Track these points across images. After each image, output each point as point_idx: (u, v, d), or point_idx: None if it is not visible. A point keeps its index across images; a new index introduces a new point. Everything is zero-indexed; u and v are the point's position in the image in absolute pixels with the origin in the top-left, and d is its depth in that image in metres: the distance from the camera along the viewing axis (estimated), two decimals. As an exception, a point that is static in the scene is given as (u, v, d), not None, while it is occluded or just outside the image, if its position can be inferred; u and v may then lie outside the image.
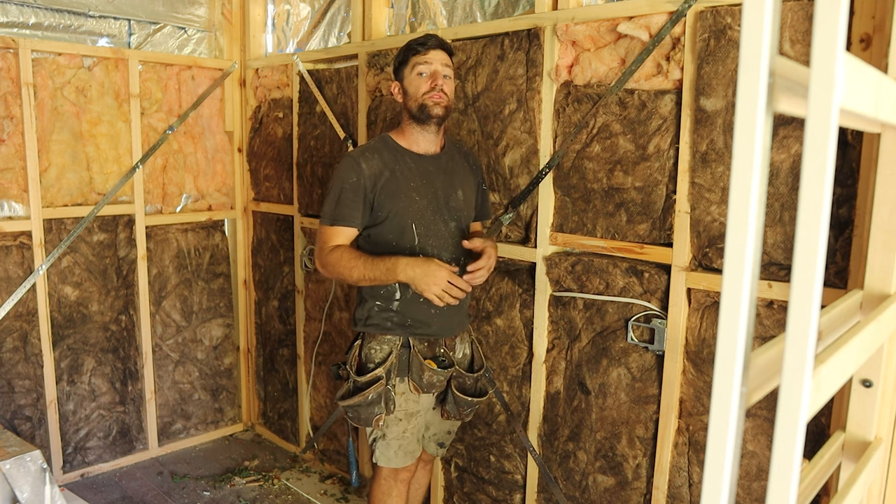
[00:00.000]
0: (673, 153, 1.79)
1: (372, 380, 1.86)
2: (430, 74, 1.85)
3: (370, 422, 1.88)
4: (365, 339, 1.94)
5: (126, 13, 3.02)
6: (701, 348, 1.77)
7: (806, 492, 1.06)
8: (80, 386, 2.97)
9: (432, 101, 1.85)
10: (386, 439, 1.93)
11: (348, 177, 1.85)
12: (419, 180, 1.89)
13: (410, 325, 1.90)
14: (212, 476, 3.04)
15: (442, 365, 1.95)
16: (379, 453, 1.95)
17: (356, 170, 1.85)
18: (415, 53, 1.87)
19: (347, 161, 1.88)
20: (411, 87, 1.88)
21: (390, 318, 1.91)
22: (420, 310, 1.90)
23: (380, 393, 1.86)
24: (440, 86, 1.84)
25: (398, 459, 1.95)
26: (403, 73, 1.90)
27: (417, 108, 1.87)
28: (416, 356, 1.90)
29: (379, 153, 1.89)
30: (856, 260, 1.48)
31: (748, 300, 0.58)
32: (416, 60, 1.87)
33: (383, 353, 1.90)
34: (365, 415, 1.88)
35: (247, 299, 3.53)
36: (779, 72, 0.57)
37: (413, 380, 1.91)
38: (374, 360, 1.90)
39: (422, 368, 1.90)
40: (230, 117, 3.37)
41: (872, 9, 1.41)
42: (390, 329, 1.91)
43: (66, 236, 2.85)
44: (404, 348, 1.91)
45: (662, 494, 1.86)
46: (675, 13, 1.72)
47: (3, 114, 2.66)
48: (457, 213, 1.96)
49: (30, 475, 1.73)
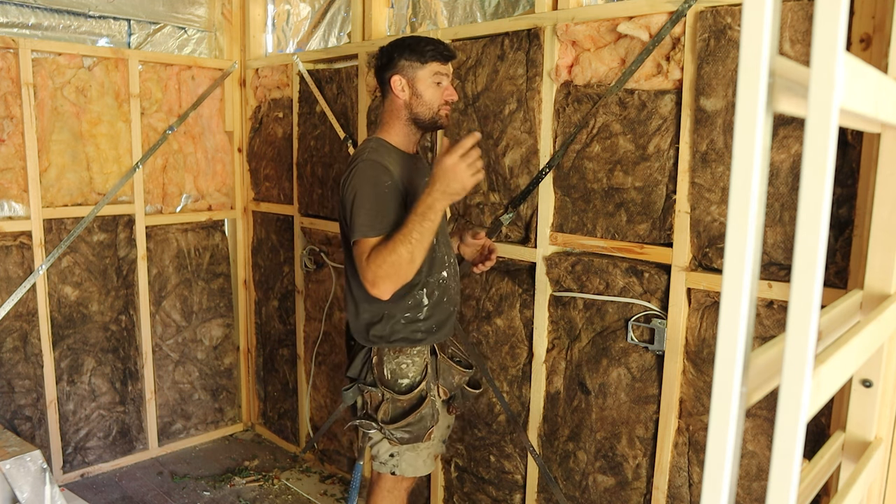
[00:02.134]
0: (673, 153, 1.79)
1: (418, 396, 1.82)
2: (446, 87, 1.81)
3: (422, 437, 1.82)
4: (386, 355, 1.83)
5: (126, 13, 3.02)
6: (701, 348, 1.77)
7: (806, 492, 1.06)
8: (80, 386, 2.97)
9: (445, 114, 1.82)
10: (417, 450, 1.87)
11: (382, 180, 1.71)
12: (421, 179, 1.88)
13: (436, 330, 1.87)
14: (212, 476, 3.04)
15: (462, 365, 1.96)
16: (406, 465, 1.87)
17: (387, 172, 1.72)
18: (438, 61, 1.79)
19: (373, 166, 1.72)
20: (426, 93, 1.79)
21: (419, 329, 1.83)
22: (443, 311, 1.88)
23: (431, 406, 1.83)
24: (454, 100, 1.83)
25: (426, 467, 1.90)
26: (417, 73, 1.78)
27: (429, 118, 1.81)
28: (443, 361, 1.90)
29: (389, 155, 1.79)
30: (856, 260, 1.48)
31: (748, 300, 0.58)
32: (438, 69, 1.79)
33: (418, 367, 1.84)
34: (417, 432, 1.81)
35: (247, 299, 3.53)
36: (779, 72, 0.57)
37: (442, 384, 1.90)
38: (408, 375, 1.83)
39: (451, 372, 1.91)
40: (230, 117, 3.37)
41: (872, 9, 1.41)
42: (420, 340, 1.84)
43: (66, 236, 2.85)
44: (432, 356, 1.89)
45: (662, 494, 1.86)
46: (675, 13, 1.72)
47: (3, 114, 2.66)
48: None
49: (30, 475, 1.73)
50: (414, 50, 1.78)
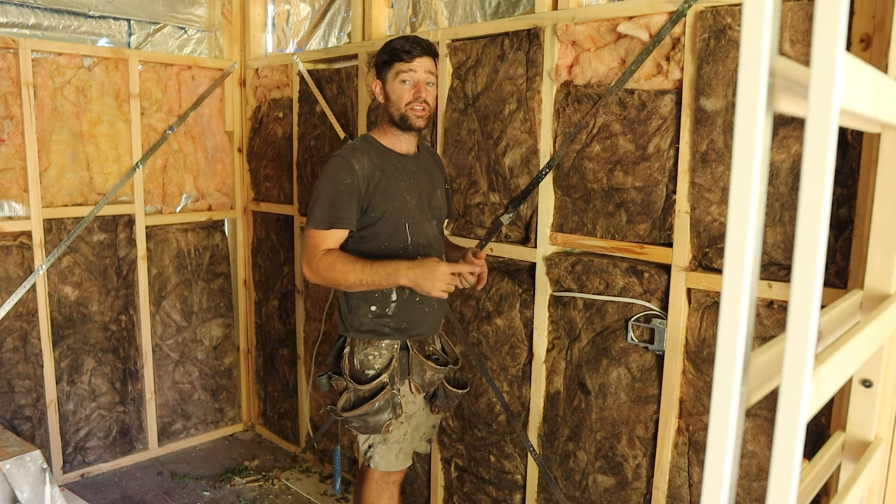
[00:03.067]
0: (673, 153, 1.79)
1: (378, 387, 1.84)
2: (413, 84, 1.81)
3: (379, 429, 1.85)
4: (356, 346, 1.89)
5: (126, 13, 3.02)
6: (701, 348, 1.77)
7: (806, 492, 1.06)
8: (80, 386, 2.97)
9: (414, 113, 1.82)
10: (388, 443, 1.91)
11: (342, 178, 1.78)
12: (407, 180, 1.88)
13: (406, 328, 1.89)
14: (212, 476, 3.04)
15: (438, 363, 1.96)
16: (378, 458, 1.92)
17: (349, 170, 1.78)
18: (399, 60, 1.82)
19: (338, 162, 1.80)
20: (394, 94, 1.83)
21: (387, 324, 1.87)
22: (415, 310, 1.90)
23: (388, 399, 1.84)
24: (423, 97, 1.82)
25: (399, 462, 1.94)
26: (386, 76, 1.84)
27: (399, 118, 1.84)
28: (415, 357, 1.90)
29: (367, 154, 1.83)
30: (856, 260, 1.48)
31: (748, 300, 0.58)
32: (399, 68, 1.81)
33: (384, 359, 1.88)
34: (373, 423, 1.84)
35: (247, 299, 3.53)
36: (779, 72, 0.57)
37: (414, 381, 1.91)
38: (374, 367, 1.87)
39: (423, 369, 1.91)
40: (230, 117, 3.37)
41: (872, 9, 1.41)
42: (388, 334, 1.88)
43: (66, 236, 2.85)
44: (403, 351, 1.91)
45: (662, 494, 1.86)
46: (675, 13, 1.72)
47: (3, 114, 2.66)
48: (438, 212, 1.98)
49: (30, 475, 1.73)
50: (381, 53, 1.87)
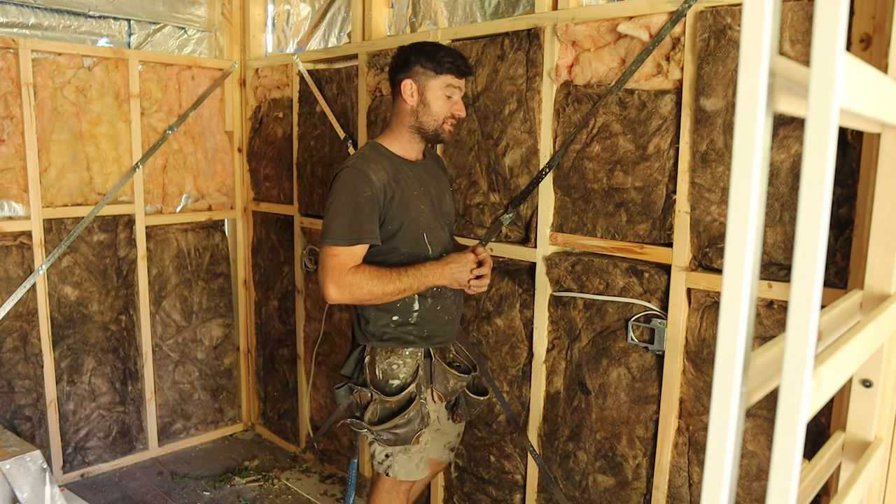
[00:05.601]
0: (673, 153, 1.79)
1: (406, 399, 1.80)
2: (456, 101, 1.80)
3: (409, 440, 1.81)
4: (378, 355, 1.84)
5: (126, 13, 3.02)
6: (701, 348, 1.77)
7: (806, 492, 1.06)
8: (80, 386, 2.97)
9: (448, 128, 1.82)
10: (409, 452, 1.86)
11: (361, 190, 1.70)
12: (419, 188, 1.85)
13: (428, 336, 1.87)
14: (212, 476, 3.04)
15: (460, 370, 1.96)
16: (398, 467, 1.86)
17: (367, 182, 1.71)
18: (455, 73, 1.77)
19: (353, 173, 1.72)
20: (434, 104, 1.78)
21: (410, 332, 1.84)
22: (437, 318, 1.88)
23: (418, 410, 1.81)
24: (458, 115, 1.82)
25: (419, 471, 1.90)
26: (430, 82, 1.77)
27: (432, 129, 1.81)
28: (438, 365, 1.90)
29: (381, 163, 1.77)
30: (856, 260, 1.48)
31: (748, 300, 0.58)
32: (451, 81, 1.77)
33: (409, 368, 1.84)
34: (403, 434, 1.80)
35: (247, 299, 3.53)
36: (779, 72, 0.57)
37: (437, 389, 1.90)
38: (398, 376, 1.83)
39: (446, 377, 1.90)
40: (230, 117, 3.37)
41: (872, 9, 1.41)
42: (412, 342, 1.84)
43: (66, 236, 2.85)
44: (426, 359, 1.89)
45: (662, 494, 1.86)
46: (675, 13, 1.72)
47: (3, 114, 2.66)
48: (448, 218, 1.97)
49: (30, 475, 1.73)
50: (431, 58, 1.76)
